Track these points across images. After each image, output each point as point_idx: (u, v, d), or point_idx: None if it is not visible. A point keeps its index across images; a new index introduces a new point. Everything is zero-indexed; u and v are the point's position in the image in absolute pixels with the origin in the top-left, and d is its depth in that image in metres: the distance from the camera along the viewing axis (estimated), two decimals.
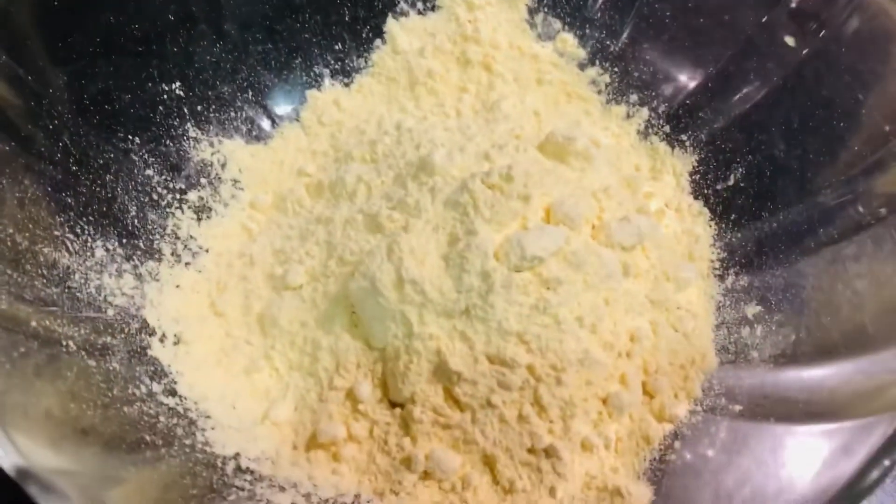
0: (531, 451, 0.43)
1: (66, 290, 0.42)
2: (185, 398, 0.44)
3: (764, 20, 0.53)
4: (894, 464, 0.33)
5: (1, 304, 0.37)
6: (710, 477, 0.42)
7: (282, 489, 0.41)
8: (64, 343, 0.40)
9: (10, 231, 0.40)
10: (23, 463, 0.30)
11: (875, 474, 0.33)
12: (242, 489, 0.40)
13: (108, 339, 0.43)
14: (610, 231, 0.47)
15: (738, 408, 0.44)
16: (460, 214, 0.45)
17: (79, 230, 0.45)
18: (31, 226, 0.42)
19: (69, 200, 0.45)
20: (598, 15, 0.58)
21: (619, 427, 0.44)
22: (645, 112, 0.57)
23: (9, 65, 0.43)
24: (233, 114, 0.55)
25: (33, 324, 0.39)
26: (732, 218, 0.52)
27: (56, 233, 0.44)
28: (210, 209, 0.53)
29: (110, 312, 0.44)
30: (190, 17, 0.53)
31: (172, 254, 0.49)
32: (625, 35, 0.58)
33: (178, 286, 0.48)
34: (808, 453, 0.38)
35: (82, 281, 0.44)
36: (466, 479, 0.42)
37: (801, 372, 0.43)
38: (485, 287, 0.43)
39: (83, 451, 0.35)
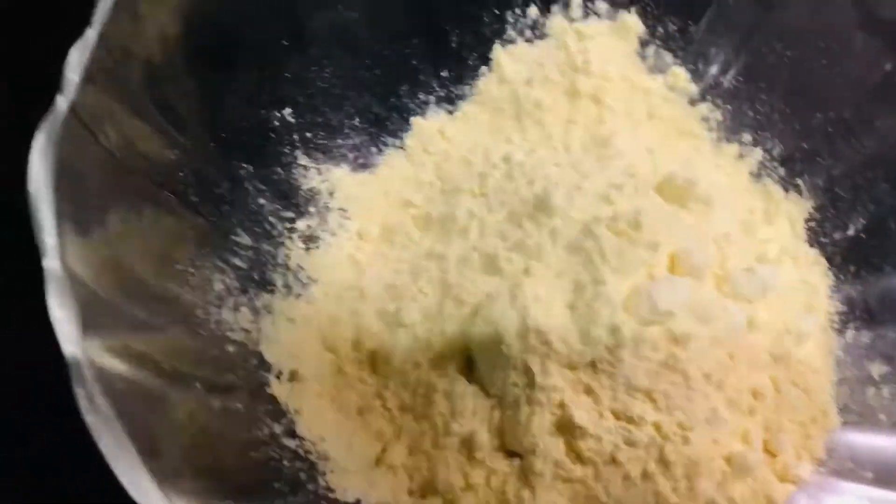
0: None
1: (190, 328, 0.42)
2: (304, 439, 0.43)
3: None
4: None
5: (137, 346, 0.37)
6: None
7: None
8: (194, 385, 0.39)
9: (138, 269, 0.40)
10: None
11: None
12: None
13: (231, 377, 0.42)
14: (735, 282, 0.46)
15: (868, 474, 0.43)
16: (585, 261, 0.44)
17: (199, 263, 0.44)
18: (155, 261, 0.42)
19: (190, 232, 0.45)
20: (712, 50, 0.57)
21: (742, 487, 0.43)
22: (758, 153, 0.55)
23: (132, 95, 0.43)
24: (340, 141, 0.55)
25: (165, 366, 0.38)
26: (852, 269, 0.50)
27: (179, 267, 0.43)
28: (318, 238, 0.52)
29: (231, 349, 0.44)
30: (302, 43, 0.52)
31: (284, 285, 0.49)
32: (739, 72, 0.56)
33: (290, 319, 0.48)
34: None
35: (204, 317, 0.43)
36: None
37: None
38: (613, 341, 0.42)
39: None
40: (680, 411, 0.42)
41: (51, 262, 0.33)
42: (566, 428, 0.42)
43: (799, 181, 0.54)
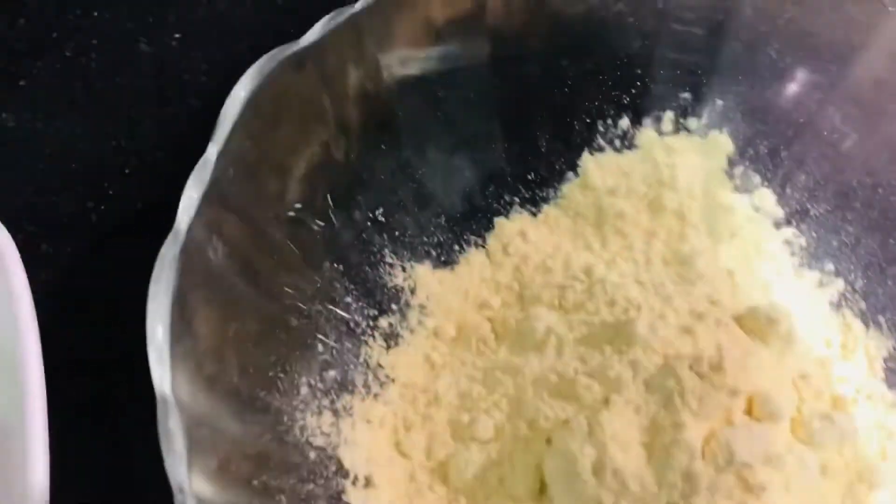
0: None
1: (277, 435, 0.43)
2: None
3: None
4: None
5: (232, 466, 0.38)
6: None
7: None
8: (277, 497, 0.41)
9: (234, 379, 0.42)
10: None
11: None
12: None
13: (311, 486, 0.44)
14: (811, 430, 0.46)
15: None
16: (664, 400, 0.45)
17: (288, 367, 0.46)
18: (250, 370, 0.43)
19: (282, 336, 0.46)
20: (802, 176, 0.57)
21: None
22: (840, 283, 0.55)
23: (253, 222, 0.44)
24: (426, 238, 0.56)
25: (255, 482, 0.40)
26: None
27: (270, 373, 0.45)
28: (398, 336, 0.53)
29: (312, 455, 0.45)
30: (398, 146, 0.53)
31: (364, 385, 0.50)
32: (827, 199, 0.56)
33: (368, 421, 0.49)
34: None
35: (289, 423, 0.44)
36: None
37: None
38: (689, 488, 0.42)
39: None
40: None
41: (163, 388, 0.35)
42: None
43: (881, 318, 0.54)
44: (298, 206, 0.47)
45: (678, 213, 0.57)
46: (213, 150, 0.41)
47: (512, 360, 0.51)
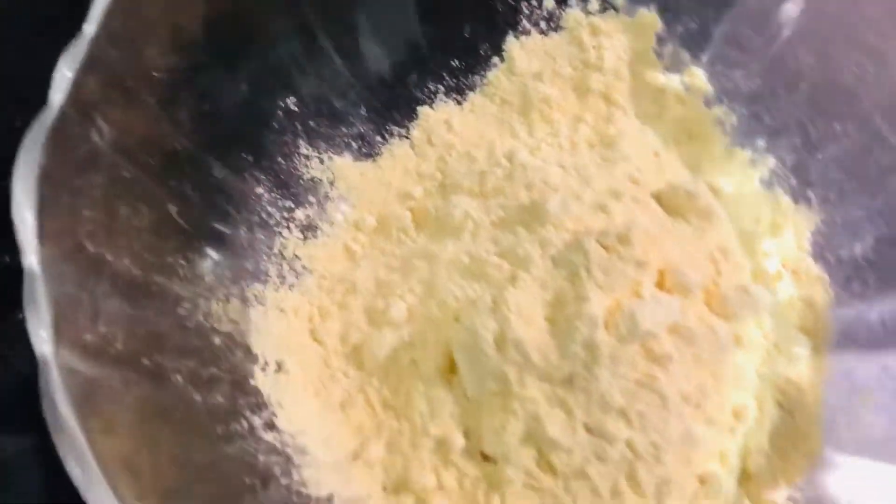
0: None
1: (176, 320, 0.43)
2: (283, 432, 0.44)
3: None
4: None
5: (116, 343, 0.38)
6: None
7: None
8: (172, 378, 0.40)
9: (127, 263, 0.41)
10: None
11: None
12: None
13: (214, 369, 0.43)
14: (725, 301, 0.45)
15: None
16: (570, 274, 0.44)
17: (190, 254, 0.45)
18: (146, 255, 0.42)
19: (183, 224, 0.45)
20: (733, 52, 0.55)
21: None
22: (771, 160, 0.54)
23: (127, 88, 0.43)
24: (344, 129, 0.55)
25: (145, 361, 0.39)
26: (856, 289, 0.49)
27: (169, 259, 0.44)
28: (316, 228, 0.52)
29: (217, 341, 0.45)
30: (310, 33, 0.52)
31: (278, 275, 0.50)
32: (759, 74, 0.54)
33: (281, 310, 0.49)
34: None
35: (192, 308, 0.44)
36: None
37: None
38: (591, 358, 0.42)
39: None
40: (654, 431, 0.42)
41: (28, 259, 0.35)
42: (539, 439, 0.43)
43: (810, 193, 0.52)
44: (192, 82, 0.46)
45: (605, 96, 0.56)
46: (90, 28, 0.40)
47: (429, 247, 0.50)
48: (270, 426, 0.44)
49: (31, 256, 0.35)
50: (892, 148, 0.50)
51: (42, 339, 0.33)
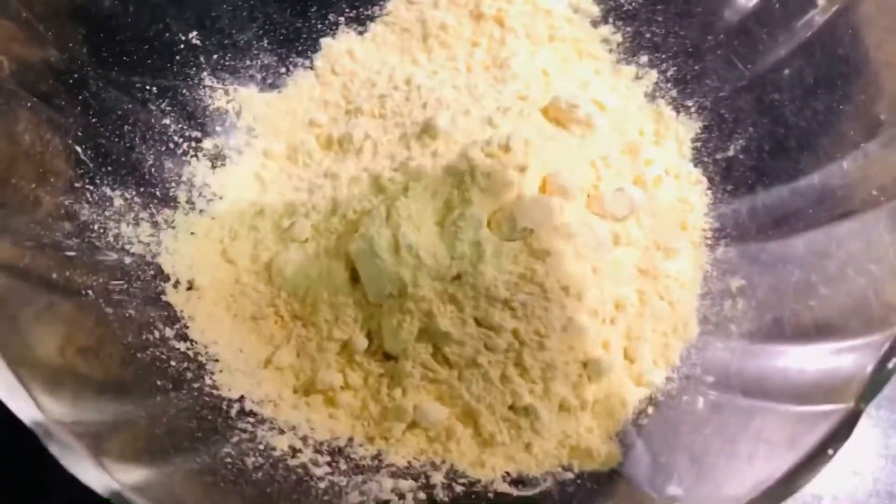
0: (512, 408, 0.46)
1: (86, 241, 0.45)
2: (196, 342, 0.47)
3: None
4: (835, 453, 0.36)
5: (25, 258, 0.40)
6: (677, 443, 0.45)
7: (281, 432, 0.45)
8: (84, 292, 0.43)
9: (33, 185, 0.43)
10: (42, 418, 0.34)
11: (816, 464, 0.36)
12: (245, 431, 0.44)
13: (126, 285, 0.46)
14: (604, 202, 0.49)
15: (710, 378, 0.46)
16: (458, 182, 0.47)
17: (98, 181, 0.47)
18: (52, 179, 0.45)
19: (89, 152, 0.48)
20: None
21: (597, 390, 0.47)
22: (654, 74, 0.57)
23: (28, 20, 0.45)
24: (248, 62, 0.57)
25: (55, 275, 0.42)
26: (729, 189, 0.53)
27: (76, 184, 0.46)
28: (225, 157, 0.55)
29: (128, 260, 0.47)
30: None
31: (188, 201, 0.52)
32: None
33: (192, 233, 0.51)
34: (772, 432, 0.41)
35: (101, 231, 0.47)
36: (451, 430, 0.46)
37: (774, 351, 0.45)
38: (476, 255, 0.45)
39: (99, 402, 0.39)
40: (537, 319, 0.46)
41: None
42: (433, 334, 0.46)
43: (689, 102, 0.56)
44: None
45: (498, 20, 0.58)
46: None
47: (332, 167, 0.53)
48: (183, 337, 0.47)
49: None
50: (761, 56, 0.53)
51: None
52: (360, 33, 0.60)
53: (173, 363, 0.45)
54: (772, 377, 0.43)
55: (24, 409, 0.34)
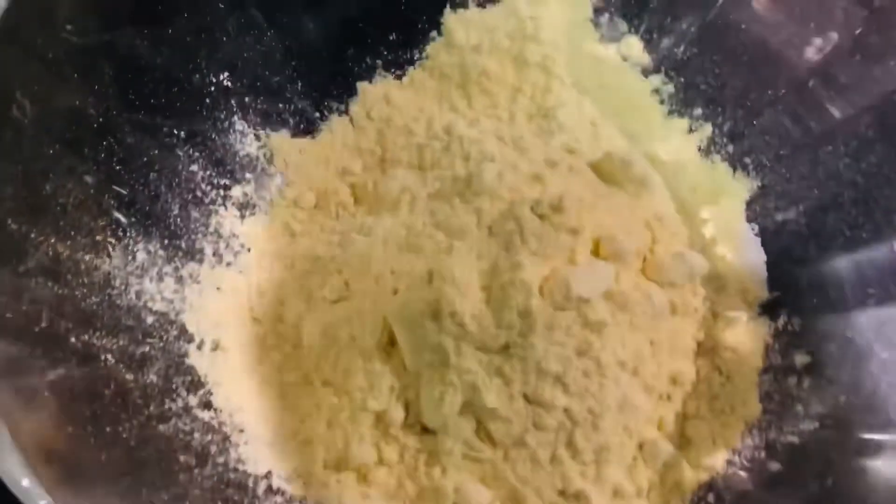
0: (562, 493, 0.42)
1: (107, 299, 0.42)
2: (220, 410, 0.44)
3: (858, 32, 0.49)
4: None
5: (41, 322, 0.37)
6: None
7: None
8: (102, 357, 0.40)
9: (52, 240, 0.40)
10: None
11: None
12: None
13: (147, 348, 0.43)
14: (661, 267, 0.46)
15: (776, 466, 0.43)
16: (505, 242, 0.44)
17: (121, 233, 0.44)
18: (72, 232, 0.42)
19: (112, 202, 0.44)
20: (668, 20, 0.55)
21: (652, 474, 0.44)
22: (708, 128, 0.54)
23: (53, 59, 0.42)
24: (281, 105, 0.54)
25: (72, 339, 0.39)
26: (789, 254, 0.50)
27: (98, 237, 0.43)
28: (254, 206, 0.52)
29: (150, 319, 0.44)
30: (241, 4, 0.51)
31: (214, 254, 0.49)
32: (693, 42, 0.54)
33: (218, 288, 0.48)
34: None
35: (122, 287, 0.43)
36: None
37: (853, 441, 0.41)
38: (526, 326, 0.42)
39: (117, 486, 0.35)
40: (591, 397, 0.42)
41: None
42: (477, 409, 0.43)
43: (747, 159, 0.53)
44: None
45: (543, 67, 0.55)
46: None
47: (366, 221, 0.50)
48: (207, 405, 0.44)
49: None
50: (826, 114, 0.50)
51: None
52: (398, 77, 0.57)
53: (197, 435, 0.42)
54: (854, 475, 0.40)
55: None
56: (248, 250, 0.50)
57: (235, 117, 0.52)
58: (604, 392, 0.42)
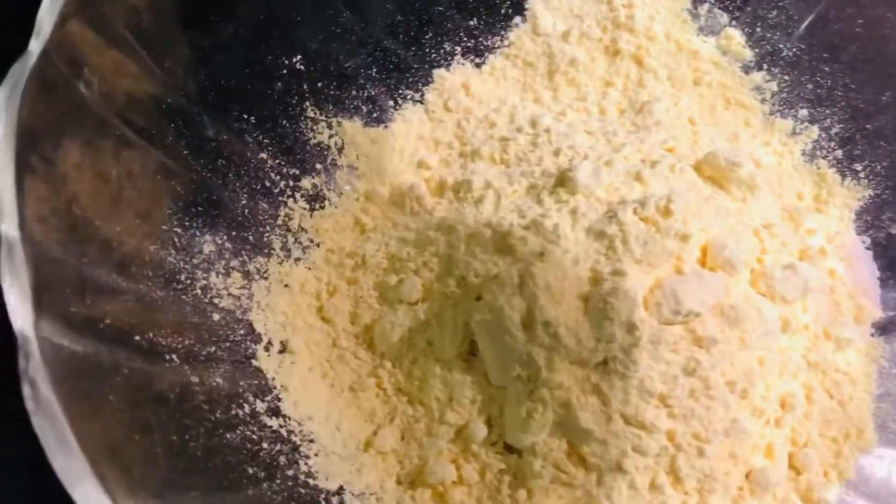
0: None
1: (172, 293, 0.39)
2: (289, 418, 0.40)
3: None
4: None
5: (106, 318, 0.34)
6: None
7: None
8: (167, 357, 0.37)
9: (118, 230, 0.37)
10: None
11: None
12: None
13: (213, 348, 0.40)
14: (773, 280, 0.42)
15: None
16: (606, 248, 0.40)
17: (187, 223, 0.41)
18: (138, 222, 0.38)
19: (179, 189, 0.41)
20: (773, 12, 0.51)
21: None
22: (815, 131, 0.50)
23: (126, 40, 0.39)
24: (354, 92, 0.50)
25: (137, 337, 0.35)
26: None
27: (164, 227, 0.40)
28: (324, 198, 0.48)
29: (216, 317, 0.41)
30: None
31: (282, 248, 0.46)
32: (801, 38, 0.50)
33: (286, 285, 0.45)
34: None
35: (188, 282, 0.40)
36: None
37: None
38: (629, 340, 0.38)
39: (184, 498, 0.32)
40: (697, 421, 0.38)
41: (6, 223, 0.31)
42: (570, 429, 0.39)
43: (858, 166, 0.49)
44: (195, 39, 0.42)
45: (637, 58, 0.52)
46: None
47: (446, 219, 0.46)
48: (275, 412, 0.40)
49: (9, 220, 0.31)
50: None
51: (21, 310, 0.29)
52: (478, 65, 0.53)
53: (265, 445, 0.38)
54: None
55: None
56: (318, 245, 0.47)
57: (307, 103, 0.48)
58: (711, 415, 0.38)
